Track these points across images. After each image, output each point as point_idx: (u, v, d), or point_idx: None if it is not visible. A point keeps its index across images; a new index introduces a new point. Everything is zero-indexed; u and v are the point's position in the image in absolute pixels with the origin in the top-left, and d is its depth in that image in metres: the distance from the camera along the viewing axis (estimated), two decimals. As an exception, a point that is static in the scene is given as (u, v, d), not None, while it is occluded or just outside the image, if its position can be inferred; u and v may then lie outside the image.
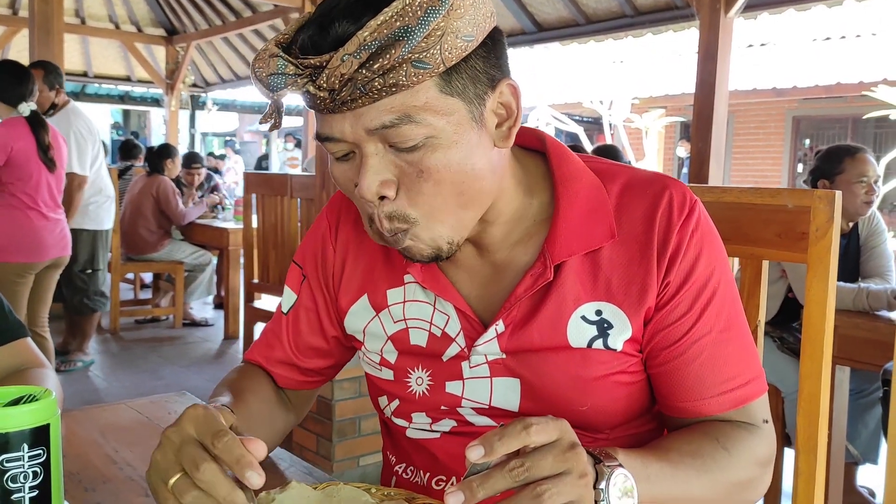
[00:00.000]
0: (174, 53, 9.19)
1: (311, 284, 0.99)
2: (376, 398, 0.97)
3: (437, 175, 0.75)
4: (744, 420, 0.85)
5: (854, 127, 10.81)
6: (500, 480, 0.62)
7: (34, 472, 0.73)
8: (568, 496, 0.62)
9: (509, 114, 0.80)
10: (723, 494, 0.81)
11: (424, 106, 0.72)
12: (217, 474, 0.65)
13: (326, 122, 0.76)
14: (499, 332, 0.86)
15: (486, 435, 0.63)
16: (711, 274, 0.84)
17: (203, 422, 0.68)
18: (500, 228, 0.87)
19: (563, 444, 0.64)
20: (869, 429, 2.72)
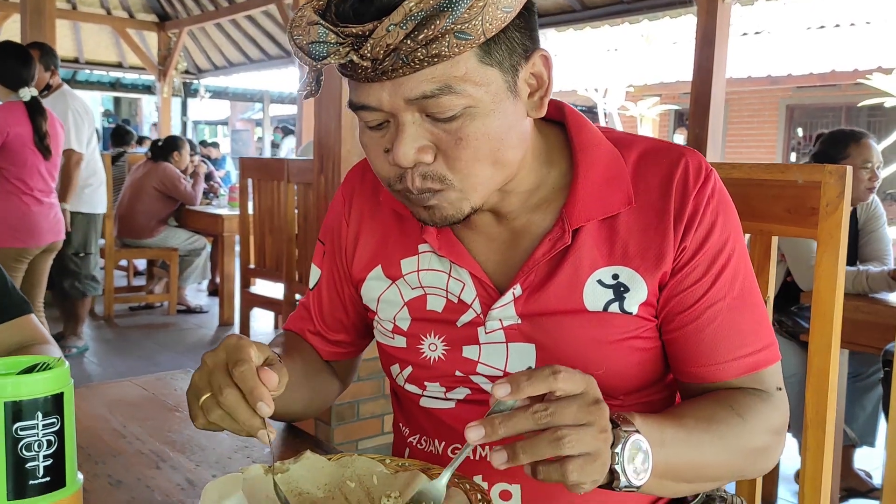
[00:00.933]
0: (166, 39, 9.12)
1: (330, 259, 1.01)
2: (388, 367, 0.98)
3: (476, 143, 0.76)
4: (757, 387, 0.86)
5: (847, 115, 10.82)
6: (522, 421, 0.63)
7: (48, 441, 0.72)
8: (587, 447, 0.63)
9: (540, 84, 0.81)
10: (738, 460, 0.82)
11: (464, 76, 0.73)
12: (237, 399, 0.71)
13: (363, 91, 0.76)
14: (516, 295, 0.86)
15: (513, 375, 0.64)
16: (727, 241, 0.85)
17: (233, 349, 0.73)
18: (519, 197, 0.88)
19: (588, 397, 0.65)
20: (866, 412, 2.74)
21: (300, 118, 7.58)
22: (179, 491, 0.84)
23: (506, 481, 0.87)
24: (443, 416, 0.92)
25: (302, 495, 0.78)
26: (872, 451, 2.85)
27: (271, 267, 3.85)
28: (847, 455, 2.75)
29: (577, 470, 0.63)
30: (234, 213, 4.99)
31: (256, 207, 3.90)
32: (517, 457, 0.63)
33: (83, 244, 4.13)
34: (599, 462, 0.64)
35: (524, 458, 0.63)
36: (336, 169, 2.71)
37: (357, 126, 0.83)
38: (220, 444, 0.98)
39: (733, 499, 0.96)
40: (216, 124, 21.41)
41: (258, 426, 0.71)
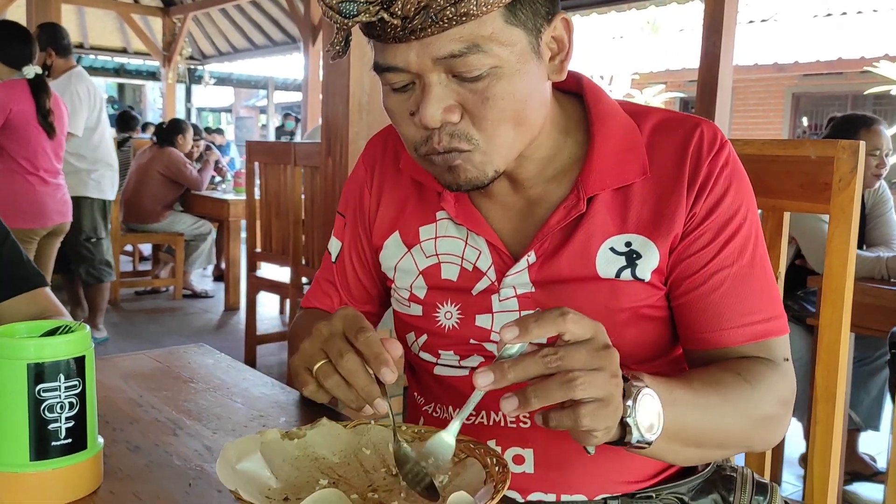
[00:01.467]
0: (171, 25, 9.10)
1: (352, 228, 1.02)
2: (404, 335, 0.99)
3: (502, 103, 0.77)
4: (764, 356, 0.86)
5: (853, 104, 10.77)
6: (531, 365, 0.62)
7: (70, 403, 0.73)
8: (598, 391, 0.62)
9: (561, 48, 0.82)
10: (746, 426, 0.82)
11: (491, 36, 0.74)
12: (358, 365, 0.70)
13: (390, 52, 0.77)
14: (530, 262, 0.87)
15: (521, 317, 0.64)
16: (738, 210, 0.86)
17: (351, 319, 0.73)
18: (536, 164, 0.88)
19: (597, 341, 0.65)
20: (871, 396, 2.74)
21: (305, 105, 7.58)
22: (197, 456, 0.85)
23: (519, 445, 0.88)
24: (457, 383, 0.93)
25: (318, 460, 0.79)
26: (877, 436, 2.86)
27: (277, 250, 3.86)
28: (851, 439, 2.76)
29: (590, 414, 0.62)
30: (240, 199, 5.00)
31: (263, 191, 3.90)
32: (528, 402, 0.62)
33: (93, 229, 4.12)
34: (612, 407, 0.64)
35: (536, 402, 0.62)
36: (344, 151, 2.71)
37: (364, 108, 0.84)
38: (235, 413, 0.99)
39: (743, 469, 0.96)
40: (220, 111, 21.39)
41: (376, 394, 0.71)
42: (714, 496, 0.92)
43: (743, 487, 0.93)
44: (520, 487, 0.89)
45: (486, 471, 0.73)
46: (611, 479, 0.89)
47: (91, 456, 0.75)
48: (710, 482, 0.93)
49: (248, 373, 1.15)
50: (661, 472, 0.93)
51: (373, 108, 2.71)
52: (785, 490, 2.68)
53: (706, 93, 4.28)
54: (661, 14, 9.46)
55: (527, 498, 0.89)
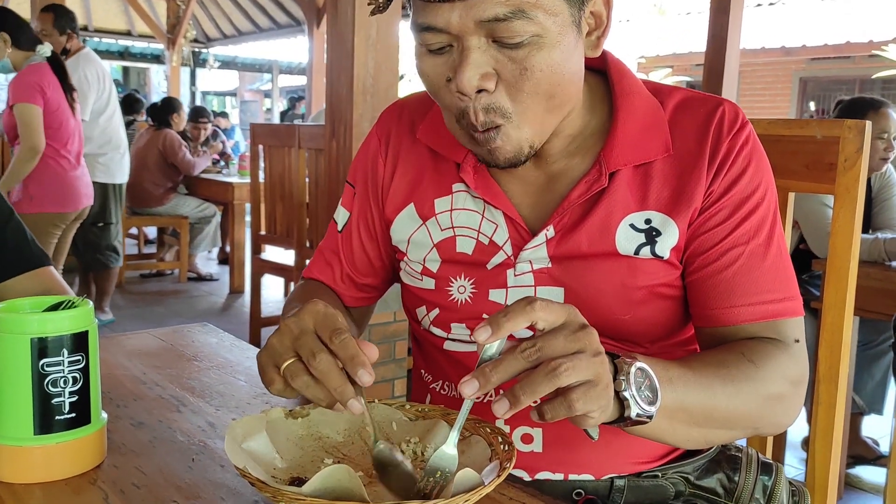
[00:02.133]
0: (175, 7, 9.06)
1: (362, 199, 1.01)
2: (414, 310, 0.98)
3: (539, 74, 0.76)
4: (774, 336, 0.85)
5: (861, 88, 10.69)
6: (512, 363, 0.61)
7: (73, 378, 0.73)
8: (584, 373, 0.61)
9: (599, 24, 0.82)
10: (751, 406, 0.80)
11: (536, 3, 0.73)
12: (332, 365, 0.67)
13: (431, 11, 0.75)
14: (548, 237, 0.87)
15: (491, 317, 0.62)
16: (756, 188, 0.86)
17: (323, 318, 0.69)
18: (562, 140, 0.88)
19: (572, 324, 0.63)
20: (875, 380, 2.74)
21: (310, 88, 7.56)
22: (200, 432, 0.85)
23: (527, 424, 0.88)
24: (466, 359, 0.93)
25: (322, 439, 0.79)
26: (880, 419, 2.86)
27: (282, 233, 3.86)
28: (855, 423, 2.76)
29: (582, 398, 0.61)
30: (245, 182, 4.99)
31: (267, 174, 3.90)
32: (518, 400, 0.61)
33: (101, 214, 4.09)
34: (601, 386, 0.63)
35: (525, 399, 0.60)
36: (348, 134, 2.70)
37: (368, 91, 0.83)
38: (238, 390, 0.99)
39: (748, 450, 0.96)
40: (225, 95, 21.35)
41: (350, 394, 0.67)
42: (719, 475, 0.92)
43: (748, 467, 0.93)
44: (527, 466, 0.89)
45: (492, 449, 0.74)
46: (618, 460, 0.89)
47: (95, 431, 0.76)
48: (716, 462, 0.93)
49: (252, 351, 1.15)
50: (668, 453, 0.93)
51: (377, 91, 2.70)
52: (787, 473, 2.68)
53: (713, 76, 4.25)
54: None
55: (534, 476, 0.89)
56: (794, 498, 0.94)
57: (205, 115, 6.22)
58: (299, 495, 0.60)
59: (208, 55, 12.64)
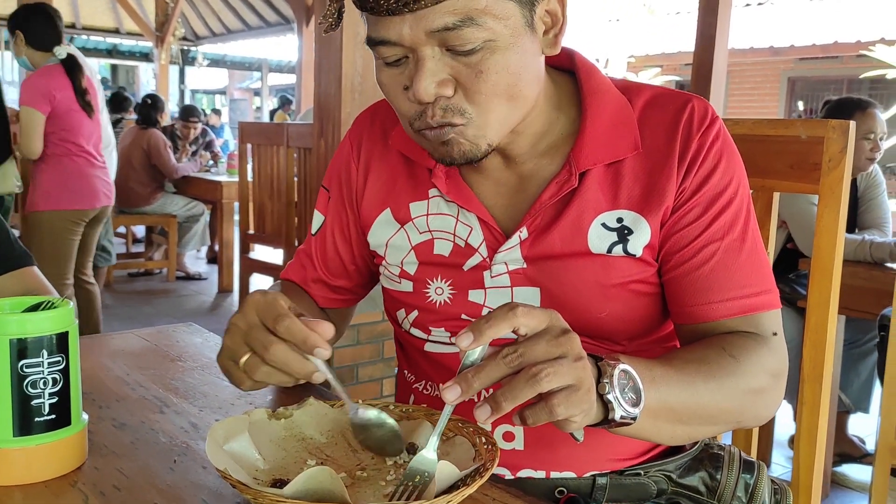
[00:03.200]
0: (164, 5, 9.02)
1: (336, 203, 1.02)
2: (394, 313, 0.98)
3: (496, 77, 0.77)
4: (753, 330, 0.85)
5: (849, 88, 10.75)
6: (494, 369, 0.62)
7: (54, 379, 0.73)
8: (566, 378, 0.62)
9: (555, 21, 0.82)
10: (733, 401, 0.81)
11: (485, 9, 0.74)
12: (287, 353, 0.69)
13: (383, 25, 0.76)
14: (522, 238, 0.87)
15: (473, 322, 0.63)
16: (728, 184, 0.86)
17: (265, 306, 0.71)
18: (528, 140, 0.88)
19: (554, 329, 0.64)
20: (861, 378, 2.76)
21: (299, 86, 7.54)
22: (183, 433, 0.85)
23: (509, 423, 0.88)
24: (446, 360, 0.93)
25: (305, 440, 0.79)
26: (866, 418, 2.88)
27: (271, 232, 3.85)
28: (841, 421, 2.78)
29: (563, 403, 0.62)
30: (233, 180, 4.98)
31: (256, 172, 3.89)
32: (500, 406, 0.61)
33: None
34: (583, 390, 0.63)
35: (507, 405, 0.61)
36: (336, 132, 2.70)
37: (356, 89, 0.83)
38: (222, 391, 0.99)
39: (731, 448, 0.97)
40: (214, 93, 21.28)
41: (312, 369, 0.70)
42: (701, 474, 0.93)
43: (730, 465, 0.94)
44: (510, 464, 0.89)
45: (476, 449, 0.74)
46: (600, 457, 0.90)
47: (75, 432, 0.75)
48: (698, 460, 0.94)
49: (237, 351, 1.15)
50: (650, 450, 0.93)
51: (365, 89, 2.69)
52: (774, 471, 2.70)
53: (701, 76, 4.26)
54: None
55: (516, 474, 0.89)
56: (776, 496, 0.94)
57: (195, 115, 6.18)
58: (280, 497, 0.60)
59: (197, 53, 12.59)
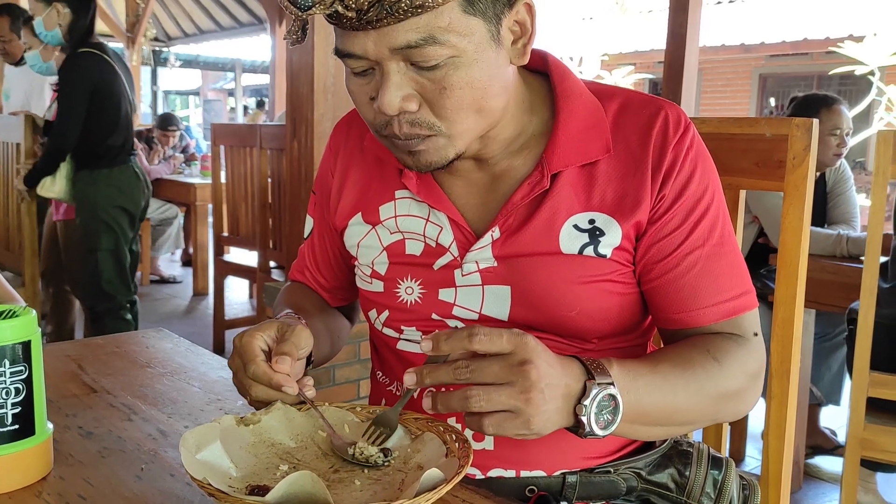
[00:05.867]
0: (134, 6, 8.92)
1: (321, 209, 1.05)
2: (367, 312, 0.99)
3: (460, 92, 0.77)
4: (734, 332, 0.87)
5: (819, 84, 10.90)
6: (443, 374, 0.68)
7: (16, 389, 0.72)
8: (499, 405, 0.66)
9: (524, 31, 0.82)
10: (712, 404, 0.84)
11: (448, 27, 0.74)
12: (267, 391, 0.79)
13: (348, 39, 0.77)
14: (494, 238, 0.88)
15: (437, 332, 0.69)
16: (705, 191, 0.87)
17: (241, 352, 0.80)
18: (500, 144, 0.89)
19: (514, 357, 0.67)
20: (832, 371, 2.80)
21: (273, 87, 7.48)
22: (151, 441, 0.84)
23: None
24: (418, 360, 0.92)
25: (275, 446, 0.78)
26: (837, 410, 2.92)
27: (245, 235, 3.83)
28: (813, 414, 2.81)
29: (494, 425, 0.67)
30: (207, 182, 4.93)
31: (229, 174, 3.86)
32: (434, 406, 0.69)
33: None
34: (520, 420, 0.67)
35: (440, 408, 0.68)
36: (309, 133, 2.68)
37: (329, 90, 0.85)
38: (192, 397, 0.98)
39: (699, 445, 0.98)
40: (188, 94, 21.09)
41: (294, 397, 0.80)
42: (671, 470, 0.94)
43: (699, 462, 0.95)
44: (480, 464, 0.90)
45: (447, 447, 0.74)
46: (569, 455, 0.90)
47: (40, 442, 0.74)
48: (667, 457, 0.95)
49: (207, 356, 1.14)
50: (620, 448, 0.94)
51: (338, 90, 2.68)
52: (748, 464, 2.74)
53: (673, 73, 4.29)
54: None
55: (486, 474, 0.90)
56: (744, 492, 0.96)
57: (174, 123, 6.10)
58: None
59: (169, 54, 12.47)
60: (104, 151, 2.95)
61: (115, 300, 3.07)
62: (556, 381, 0.69)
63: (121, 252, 3.05)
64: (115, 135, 2.96)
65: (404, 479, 0.73)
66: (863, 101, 7.16)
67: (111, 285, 3.04)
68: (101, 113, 2.89)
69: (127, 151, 3.04)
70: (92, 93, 2.85)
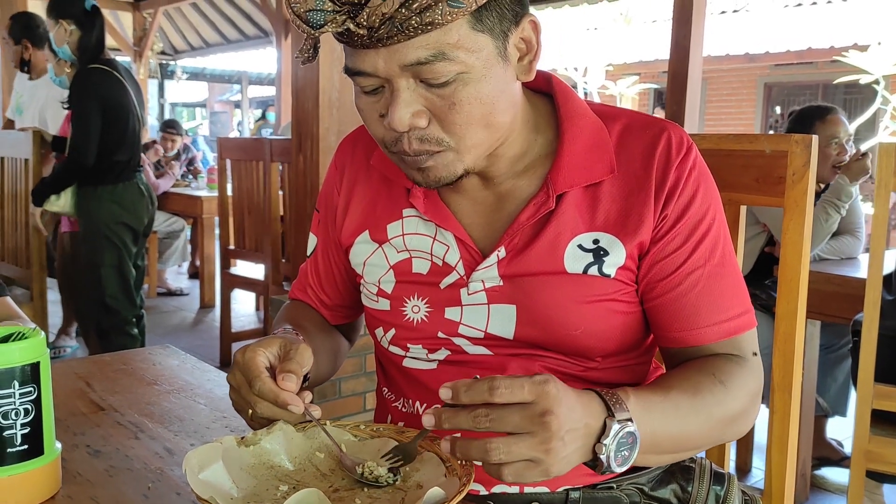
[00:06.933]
0: (141, 20, 8.98)
1: (325, 225, 1.05)
2: (374, 330, 1.00)
3: (469, 107, 0.79)
4: (734, 352, 0.89)
5: (824, 93, 10.90)
6: (463, 420, 0.66)
7: (25, 410, 0.73)
8: (518, 456, 0.65)
9: (530, 48, 0.83)
10: (718, 429, 0.85)
11: (457, 43, 0.76)
12: (272, 408, 0.79)
13: (359, 57, 0.78)
14: (500, 257, 0.89)
15: (459, 381, 0.67)
16: (707, 211, 0.89)
17: (244, 368, 0.80)
18: (507, 162, 0.90)
19: (535, 408, 0.66)
20: (838, 382, 2.79)
21: (279, 99, 7.52)
22: (158, 459, 0.85)
23: None
24: (423, 377, 0.94)
25: (274, 468, 0.79)
26: (844, 421, 2.91)
27: (251, 248, 3.84)
28: (819, 425, 2.81)
29: (513, 474, 0.66)
30: (213, 195, 4.95)
31: (235, 188, 3.88)
32: (453, 453, 0.68)
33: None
34: (539, 469, 0.66)
35: (458, 454, 0.67)
36: (315, 148, 2.70)
37: (334, 105, 0.86)
38: (198, 414, 0.99)
39: (702, 460, 0.98)
40: (194, 106, 21.19)
41: (299, 415, 0.80)
42: (673, 486, 0.94)
43: (701, 478, 0.96)
44: (484, 479, 0.90)
45: (447, 465, 0.75)
46: (574, 472, 0.89)
47: (48, 462, 0.75)
48: (670, 473, 0.95)
49: (213, 373, 1.15)
50: (623, 464, 0.94)
51: (343, 105, 2.70)
52: (756, 476, 2.73)
53: (676, 84, 4.30)
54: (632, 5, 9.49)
55: (490, 490, 0.90)
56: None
57: (174, 127, 6.16)
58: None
59: (176, 67, 12.55)
60: (109, 167, 2.96)
61: (119, 315, 3.07)
62: (577, 425, 0.68)
63: (124, 268, 3.05)
64: (122, 151, 2.97)
65: (404, 497, 0.73)
66: (868, 110, 7.16)
67: (115, 301, 3.05)
68: (108, 129, 2.90)
69: (132, 168, 3.05)
70: (101, 108, 2.87)
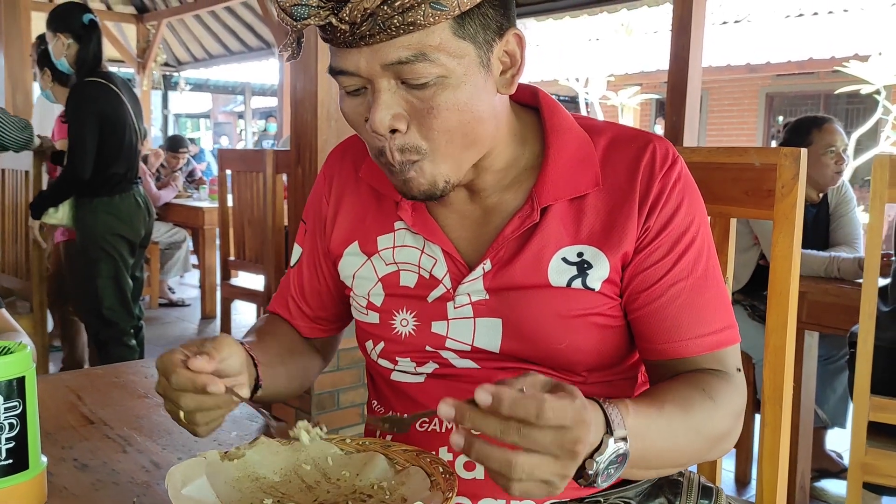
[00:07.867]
0: (145, 32, 9.03)
1: (312, 236, 1.05)
2: (363, 343, 1.00)
3: (447, 113, 0.80)
4: (718, 367, 0.88)
5: (826, 103, 10.91)
6: (490, 425, 0.62)
7: (10, 424, 0.73)
8: (539, 476, 0.62)
9: (513, 62, 0.84)
10: (703, 446, 0.84)
11: (439, 46, 0.77)
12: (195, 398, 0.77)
13: (342, 56, 0.79)
14: (485, 270, 0.89)
15: (502, 390, 0.62)
16: (691, 223, 0.89)
17: (163, 368, 0.78)
18: (493, 175, 0.91)
19: (569, 434, 0.62)
20: (837, 394, 2.78)
21: (281, 109, 7.55)
22: (144, 473, 0.86)
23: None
24: (411, 390, 0.94)
25: (259, 480, 0.79)
26: (843, 433, 2.90)
27: (251, 259, 3.85)
28: (818, 436, 2.80)
29: (522, 490, 0.63)
30: (214, 206, 4.97)
31: (236, 198, 3.89)
32: (469, 453, 0.63)
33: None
34: (548, 490, 0.64)
35: (473, 457, 0.63)
36: (313, 159, 2.71)
37: (332, 117, 0.86)
38: (187, 428, 0.99)
39: (690, 474, 0.98)
40: (198, 117, 21.27)
41: (226, 396, 0.78)
42: (660, 500, 0.94)
43: (689, 492, 0.95)
44: (470, 493, 0.90)
45: (432, 479, 0.75)
46: (559, 484, 0.91)
47: (33, 476, 0.76)
48: (657, 486, 0.95)
49: (204, 386, 1.15)
50: (610, 478, 0.94)
51: (341, 117, 2.70)
52: (754, 488, 2.71)
53: (676, 94, 4.31)
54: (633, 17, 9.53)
55: (477, 503, 0.90)
56: (733, 521, 0.96)
57: (183, 146, 6.16)
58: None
59: (179, 78, 12.59)
60: (105, 180, 2.97)
61: (117, 327, 3.08)
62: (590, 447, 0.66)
63: (121, 279, 3.06)
64: (118, 164, 2.98)
65: None
66: (870, 120, 7.16)
67: (113, 312, 3.05)
68: (104, 142, 2.92)
69: (129, 180, 3.06)
70: (98, 121, 2.88)
